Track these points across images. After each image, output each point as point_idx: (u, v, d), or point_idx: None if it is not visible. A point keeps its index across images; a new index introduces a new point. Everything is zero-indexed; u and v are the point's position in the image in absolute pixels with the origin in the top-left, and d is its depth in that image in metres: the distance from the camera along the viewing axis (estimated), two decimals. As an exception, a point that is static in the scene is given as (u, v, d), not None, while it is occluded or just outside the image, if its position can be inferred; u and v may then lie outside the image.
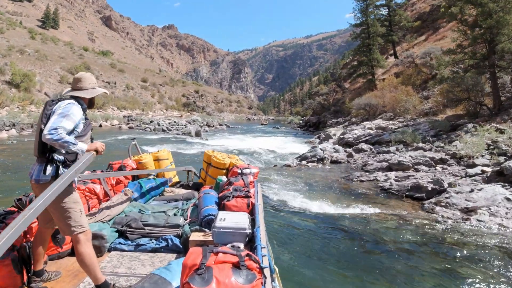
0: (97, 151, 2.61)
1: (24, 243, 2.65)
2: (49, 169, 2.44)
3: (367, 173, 9.94)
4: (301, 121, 57.50)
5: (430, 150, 10.91)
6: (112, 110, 51.05)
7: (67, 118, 2.41)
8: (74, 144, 2.41)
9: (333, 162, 12.31)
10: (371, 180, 9.32)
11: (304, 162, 12.12)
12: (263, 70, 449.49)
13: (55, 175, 2.44)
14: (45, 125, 2.39)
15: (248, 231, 2.63)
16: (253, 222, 2.94)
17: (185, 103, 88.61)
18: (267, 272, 1.97)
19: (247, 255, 1.87)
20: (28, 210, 1.76)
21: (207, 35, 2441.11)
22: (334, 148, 13.10)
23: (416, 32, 41.43)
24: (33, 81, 41.16)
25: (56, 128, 2.32)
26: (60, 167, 2.47)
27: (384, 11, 38.74)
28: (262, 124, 66.73)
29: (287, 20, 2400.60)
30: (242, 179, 4.04)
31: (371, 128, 16.54)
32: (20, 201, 3.12)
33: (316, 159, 12.24)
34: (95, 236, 3.11)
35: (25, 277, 2.61)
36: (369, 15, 34.19)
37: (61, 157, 2.48)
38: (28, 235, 2.78)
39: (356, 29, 36.54)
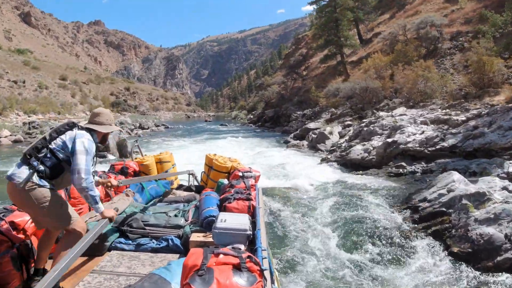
0: (111, 220, 2.52)
1: (23, 241, 2.58)
2: (25, 172, 2.36)
3: None
4: (251, 116, 51.34)
5: None
6: (16, 115, 39.55)
7: (89, 156, 2.45)
8: (96, 202, 2.45)
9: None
10: None
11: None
12: (198, 66, 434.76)
13: (27, 181, 2.35)
14: (53, 138, 2.48)
15: (249, 232, 2.53)
16: (253, 224, 2.87)
17: (113, 103, 77.14)
18: (267, 274, 1.89)
19: (248, 257, 1.80)
20: (52, 272, 1.68)
21: (138, 31, 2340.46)
22: (503, 186, 5.41)
23: (376, 9, 37.19)
24: None
25: (89, 174, 2.37)
26: (35, 175, 2.38)
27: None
28: (206, 121, 62.64)
29: (220, 15, 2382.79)
30: (244, 182, 3.92)
31: (425, 123, 10.24)
32: None
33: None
34: (95, 234, 3.06)
35: (25, 275, 2.55)
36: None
37: (41, 168, 2.41)
38: (27, 233, 2.71)
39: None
